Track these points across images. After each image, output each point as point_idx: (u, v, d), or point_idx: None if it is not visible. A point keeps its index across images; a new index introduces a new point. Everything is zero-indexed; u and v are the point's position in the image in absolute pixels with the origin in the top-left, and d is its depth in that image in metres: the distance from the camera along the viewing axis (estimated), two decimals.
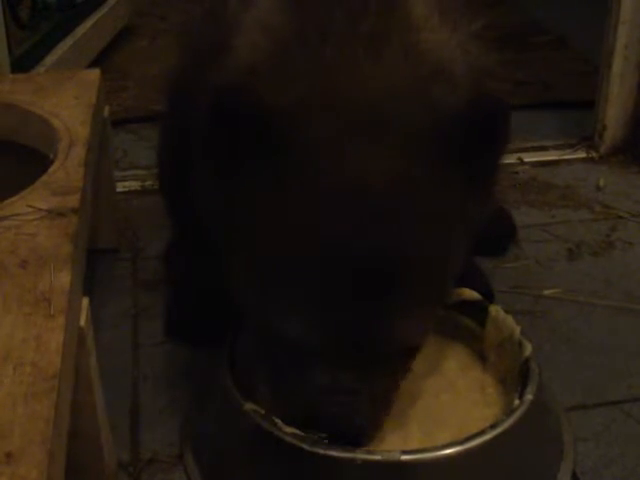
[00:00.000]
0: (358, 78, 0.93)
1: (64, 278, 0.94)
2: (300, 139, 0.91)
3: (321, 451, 0.97)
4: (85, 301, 0.99)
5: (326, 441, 0.98)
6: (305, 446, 0.98)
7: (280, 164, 0.91)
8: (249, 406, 1.02)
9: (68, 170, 1.16)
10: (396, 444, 1.03)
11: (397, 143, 0.91)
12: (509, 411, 1.03)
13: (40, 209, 1.06)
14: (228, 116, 0.90)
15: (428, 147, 0.92)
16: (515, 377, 1.10)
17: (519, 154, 1.94)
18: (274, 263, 0.93)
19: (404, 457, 0.96)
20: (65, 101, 1.36)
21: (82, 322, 0.95)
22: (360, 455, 0.96)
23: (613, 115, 1.93)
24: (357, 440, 0.99)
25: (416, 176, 0.92)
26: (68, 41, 2.17)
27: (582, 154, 1.98)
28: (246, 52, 0.98)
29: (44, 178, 1.13)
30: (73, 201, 1.08)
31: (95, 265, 1.51)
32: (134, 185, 1.83)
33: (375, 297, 0.92)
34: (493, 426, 1.01)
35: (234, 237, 0.99)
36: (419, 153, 0.92)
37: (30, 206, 1.06)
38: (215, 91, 0.92)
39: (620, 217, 1.72)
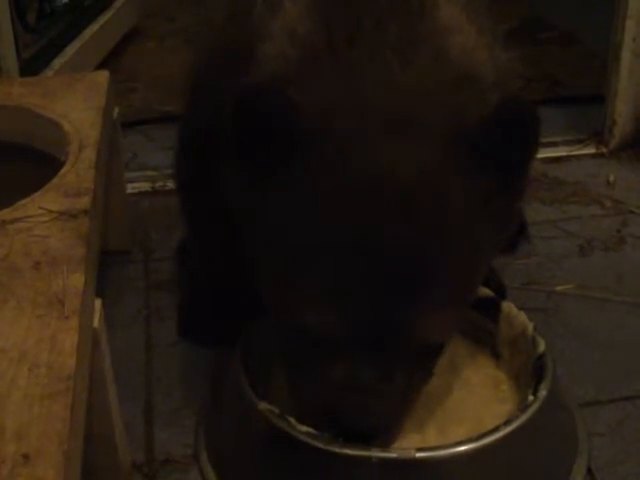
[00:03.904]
0: (387, 81, 0.93)
1: (77, 279, 0.94)
2: (330, 137, 0.91)
3: (336, 449, 0.97)
4: (98, 302, 0.99)
5: (340, 439, 0.98)
6: (320, 445, 0.98)
7: (311, 161, 0.91)
8: (263, 405, 1.03)
9: (79, 172, 1.16)
10: (410, 442, 1.03)
11: (425, 142, 0.91)
12: (523, 407, 1.03)
13: (52, 211, 1.06)
14: (257, 116, 0.90)
15: (456, 148, 0.91)
16: (529, 373, 1.10)
17: None
18: (303, 254, 0.93)
19: (419, 455, 0.96)
20: (75, 104, 1.37)
21: (96, 323, 0.96)
22: (375, 453, 0.96)
23: (622, 110, 1.93)
24: (370, 440, 0.98)
25: (445, 174, 0.91)
26: (76, 44, 2.16)
27: (592, 149, 1.98)
28: (274, 59, 0.98)
29: (55, 180, 1.14)
30: (84, 203, 1.08)
31: (107, 267, 1.51)
32: (144, 186, 1.83)
33: (399, 292, 0.91)
34: (507, 422, 1.01)
35: (264, 230, 0.98)
36: (447, 153, 0.91)
37: (42, 208, 1.06)
38: (244, 92, 0.91)
39: (631, 212, 1.72)
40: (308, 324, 0.96)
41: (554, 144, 1.98)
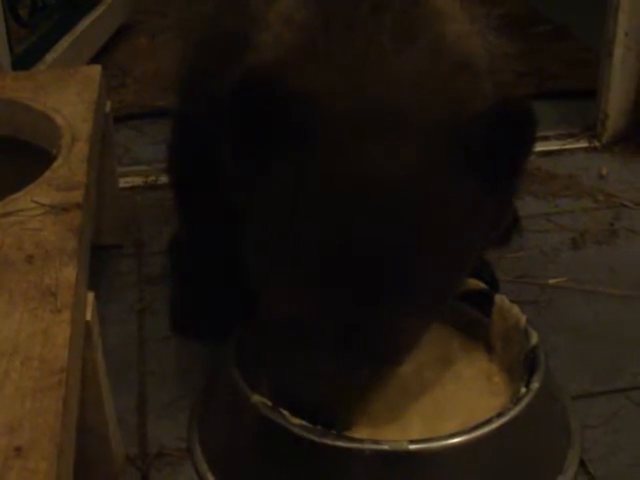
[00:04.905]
0: (384, 71, 0.93)
1: (70, 272, 0.94)
2: (320, 131, 0.91)
3: (329, 442, 0.97)
4: (91, 296, 0.99)
5: (334, 432, 0.98)
6: (313, 437, 0.98)
7: (299, 154, 0.91)
8: (256, 398, 1.03)
9: (71, 166, 1.16)
10: (400, 434, 1.03)
11: (415, 140, 0.91)
12: (516, 399, 1.03)
13: (44, 204, 1.06)
14: (254, 103, 0.90)
15: (447, 146, 0.91)
16: (521, 366, 1.10)
17: None
18: (285, 245, 0.94)
19: (412, 447, 0.97)
20: (67, 98, 1.36)
21: (88, 317, 0.96)
22: (368, 445, 0.97)
23: (615, 103, 1.93)
24: (329, 424, 0.99)
25: (431, 175, 0.91)
26: (68, 38, 2.16)
27: (584, 143, 1.98)
28: (272, 46, 0.98)
29: (48, 174, 1.14)
30: (77, 196, 1.08)
31: (100, 261, 1.51)
32: (137, 181, 1.82)
33: (370, 294, 0.92)
34: (500, 415, 1.01)
35: (254, 218, 0.99)
36: (437, 153, 0.91)
37: (34, 201, 1.06)
38: (242, 79, 0.91)
39: (623, 205, 1.72)
40: (283, 315, 0.97)
41: (547, 138, 1.98)
